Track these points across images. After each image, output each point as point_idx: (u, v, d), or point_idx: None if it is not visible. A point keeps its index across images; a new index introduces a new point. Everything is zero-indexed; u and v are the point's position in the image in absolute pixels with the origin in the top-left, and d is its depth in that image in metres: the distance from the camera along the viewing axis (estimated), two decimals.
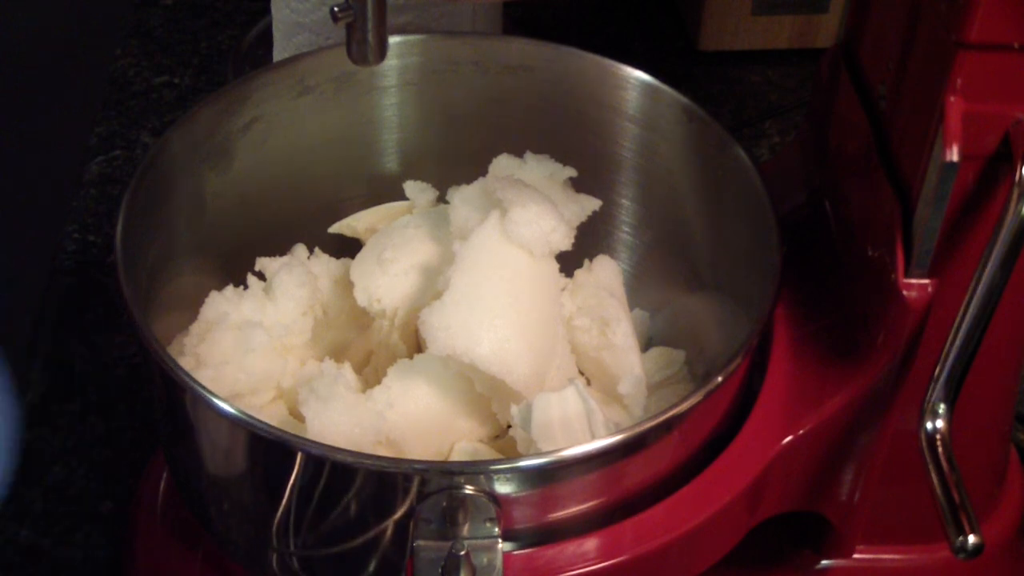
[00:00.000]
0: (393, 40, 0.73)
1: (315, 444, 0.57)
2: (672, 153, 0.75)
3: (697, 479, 0.62)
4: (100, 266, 0.96)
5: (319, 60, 0.75)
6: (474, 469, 0.57)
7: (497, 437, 0.70)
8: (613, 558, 0.60)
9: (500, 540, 0.57)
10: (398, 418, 0.66)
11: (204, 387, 0.58)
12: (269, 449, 0.58)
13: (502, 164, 0.74)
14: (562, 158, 0.75)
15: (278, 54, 1.02)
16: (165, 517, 0.75)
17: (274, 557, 0.63)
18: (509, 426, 0.68)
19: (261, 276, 0.73)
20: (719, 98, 1.14)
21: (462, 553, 0.56)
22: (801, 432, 0.64)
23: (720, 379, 0.60)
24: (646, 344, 0.77)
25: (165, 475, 0.76)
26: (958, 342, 0.56)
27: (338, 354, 0.74)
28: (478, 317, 0.65)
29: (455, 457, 0.68)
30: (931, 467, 0.57)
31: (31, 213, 1.38)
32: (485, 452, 0.69)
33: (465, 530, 0.57)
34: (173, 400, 0.61)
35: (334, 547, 0.61)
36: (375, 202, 0.78)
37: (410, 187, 0.77)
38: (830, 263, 0.69)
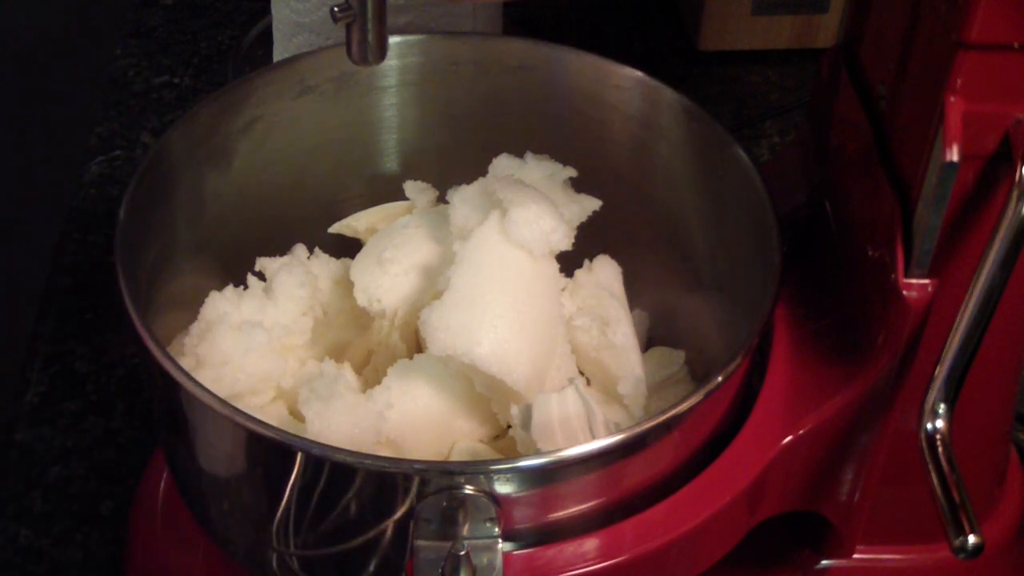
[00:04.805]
0: (393, 40, 0.73)
1: (315, 444, 0.57)
2: (672, 153, 0.75)
3: (697, 479, 0.62)
4: (100, 266, 0.96)
5: (319, 60, 0.75)
6: (474, 469, 0.57)
7: (497, 437, 0.70)
8: (613, 558, 0.60)
9: (500, 540, 0.57)
10: (398, 418, 0.66)
11: (204, 387, 0.58)
12: (269, 449, 0.58)
13: (502, 164, 0.74)
14: (562, 158, 0.75)
15: (278, 54, 1.02)
16: (165, 517, 0.75)
17: (274, 557, 0.63)
18: (509, 426, 0.68)
19: (261, 276, 0.73)
20: (719, 98, 1.14)
21: (462, 553, 0.56)
22: (801, 432, 0.64)
23: (720, 379, 0.60)
24: (646, 344, 0.77)
25: (165, 475, 0.76)
26: (958, 342, 0.56)
27: (338, 354, 0.74)
28: (478, 317, 0.65)
29: (455, 457, 0.68)
30: (931, 467, 0.57)
31: (31, 213, 1.38)
32: (485, 452, 0.69)
33: (465, 530, 0.57)
34: (173, 400, 0.61)
35: (334, 547, 0.61)
36: (375, 202, 0.78)
37: (410, 187, 0.77)
38: (830, 263, 0.69)
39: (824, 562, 0.72)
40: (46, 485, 0.82)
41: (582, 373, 0.73)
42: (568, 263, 0.72)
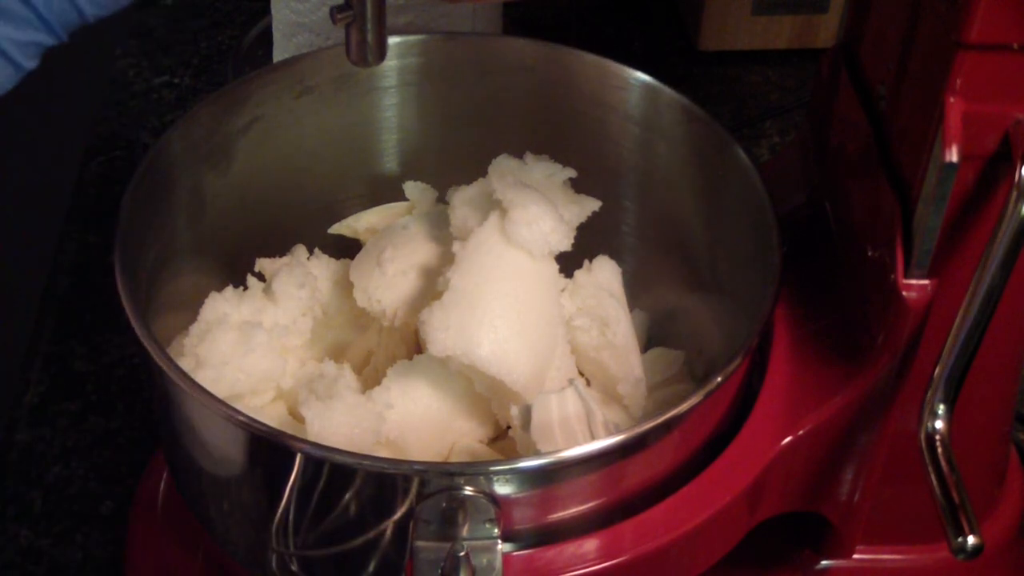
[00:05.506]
0: (393, 40, 0.73)
1: (315, 445, 0.57)
2: (672, 153, 0.75)
3: (697, 479, 0.62)
4: (100, 266, 0.96)
5: (319, 60, 0.75)
6: (474, 470, 0.57)
7: (497, 438, 0.70)
8: (613, 559, 0.60)
9: (500, 541, 0.57)
10: (398, 418, 0.66)
11: (204, 388, 0.58)
12: (269, 450, 0.58)
13: (502, 164, 0.74)
14: (562, 158, 0.75)
15: (278, 54, 1.02)
16: (165, 517, 0.75)
17: (274, 557, 0.63)
18: (509, 427, 0.68)
19: (261, 277, 0.73)
20: (719, 98, 1.14)
21: (462, 554, 0.56)
22: (801, 432, 0.64)
23: (720, 379, 0.60)
24: (646, 344, 0.77)
25: (165, 475, 0.76)
26: (958, 342, 0.56)
27: (338, 354, 0.74)
28: (478, 318, 0.65)
29: (455, 458, 0.68)
30: (931, 467, 0.57)
31: (31, 213, 1.38)
32: (484, 453, 0.69)
33: (465, 531, 0.57)
34: (173, 401, 0.61)
35: (334, 548, 0.61)
36: (375, 202, 0.78)
37: (410, 187, 0.77)
38: (830, 263, 0.69)
39: (824, 562, 0.72)
40: (46, 485, 0.82)
41: (582, 373, 0.73)
42: (568, 263, 0.72)
